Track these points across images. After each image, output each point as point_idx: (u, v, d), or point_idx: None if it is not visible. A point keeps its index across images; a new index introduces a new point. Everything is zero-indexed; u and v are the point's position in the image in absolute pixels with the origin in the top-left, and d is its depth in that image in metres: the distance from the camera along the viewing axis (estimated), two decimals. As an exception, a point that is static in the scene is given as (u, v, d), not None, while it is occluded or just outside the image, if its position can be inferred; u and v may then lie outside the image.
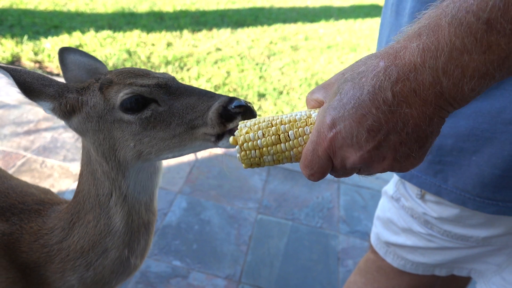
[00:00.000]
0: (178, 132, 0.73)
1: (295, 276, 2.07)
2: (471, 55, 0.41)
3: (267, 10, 6.76)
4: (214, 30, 5.22)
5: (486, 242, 0.90)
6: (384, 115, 0.47)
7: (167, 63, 4.06)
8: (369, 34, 6.15)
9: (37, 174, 2.41)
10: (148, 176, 0.85)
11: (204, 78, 3.86)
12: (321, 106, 0.61)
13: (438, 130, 0.49)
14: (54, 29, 4.42)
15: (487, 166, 0.79)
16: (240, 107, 0.68)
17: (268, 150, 0.61)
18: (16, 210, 0.94)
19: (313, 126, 0.60)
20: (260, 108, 3.53)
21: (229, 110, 0.68)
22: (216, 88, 3.75)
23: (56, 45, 3.98)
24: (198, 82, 3.78)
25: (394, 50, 0.47)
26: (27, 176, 2.39)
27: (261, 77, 4.11)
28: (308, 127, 0.60)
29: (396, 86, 0.46)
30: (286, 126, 0.61)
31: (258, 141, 0.61)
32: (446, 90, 0.44)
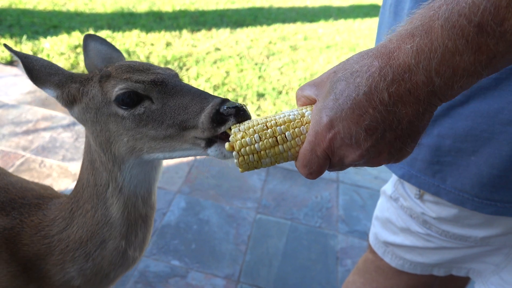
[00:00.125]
0: (169, 133, 0.72)
1: (294, 275, 2.07)
2: (462, 56, 0.43)
3: (266, 10, 6.76)
4: (213, 30, 5.22)
5: (484, 242, 0.90)
6: (380, 115, 0.49)
7: (166, 63, 4.06)
8: (368, 34, 6.15)
9: (36, 174, 2.41)
10: (144, 171, 0.85)
11: (203, 78, 3.86)
12: (312, 103, 0.61)
13: (428, 123, 0.51)
14: (53, 29, 4.42)
15: (486, 167, 0.79)
16: (231, 109, 0.66)
17: (266, 153, 0.60)
18: (16, 205, 0.95)
19: (308, 125, 0.60)
20: (259, 107, 3.53)
21: (221, 114, 0.66)
22: (215, 87, 3.75)
23: (55, 45, 3.97)
24: (197, 82, 3.78)
25: (388, 50, 0.49)
26: (26, 176, 2.38)
27: (260, 77, 4.11)
28: (304, 127, 0.60)
29: (391, 87, 0.48)
30: (282, 127, 0.60)
31: (256, 145, 0.60)
32: (438, 89, 0.47)
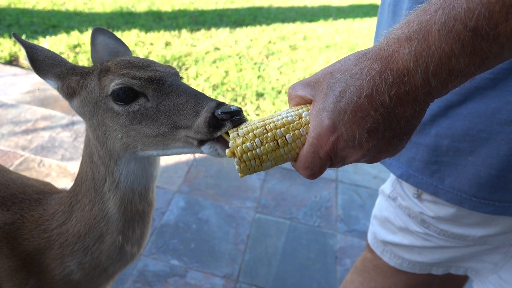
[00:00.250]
0: (162, 131, 0.72)
1: (293, 275, 2.08)
2: (458, 59, 0.46)
3: (266, 9, 6.76)
4: (213, 30, 5.22)
5: (482, 241, 0.91)
6: (381, 116, 0.51)
7: (166, 63, 4.05)
8: (367, 33, 6.15)
9: (35, 174, 2.41)
10: (141, 167, 0.85)
11: (202, 78, 3.86)
12: (306, 103, 0.62)
13: (421, 120, 0.54)
14: (52, 28, 4.42)
15: (483, 166, 0.79)
16: (226, 114, 0.65)
17: (268, 157, 0.60)
18: (17, 200, 0.96)
19: (308, 126, 0.60)
20: (258, 107, 3.53)
21: (217, 118, 0.66)
22: (214, 87, 3.75)
23: (54, 44, 3.97)
24: (196, 82, 3.78)
25: (386, 53, 0.50)
26: (25, 175, 2.38)
27: (259, 76, 4.12)
28: (303, 128, 0.60)
29: (392, 90, 0.50)
30: (282, 130, 0.60)
31: (257, 149, 0.59)
32: (434, 89, 0.49)
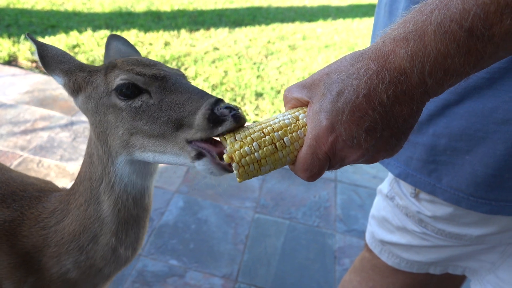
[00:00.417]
0: (163, 131, 0.71)
1: (292, 275, 2.08)
2: (453, 59, 0.46)
3: (265, 9, 6.76)
4: (212, 30, 5.22)
5: (479, 241, 0.91)
6: (379, 115, 0.52)
7: (165, 63, 4.06)
8: (366, 33, 6.16)
9: (33, 174, 2.41)
10: (137, 171, 0.85)
11: (201, 78, 3.86)
12: (302, 105, 0.62)
13: (418, 119, 0.55)
14: (51, 28, 4.42)
15: (480, 166, 0.79)
16: (225, 109, 0.64)
17: (266, 160, 0.60)
18: (17, 197, 0.96)
19: (305, 129, 0.60)
20: (257, 107, 3.54)
21: (216, 114, 0.65)
22: (213, 87, 3.75)
23: (53, 44, 3.97)
24: (195, 82, 3.78)
25: (383, 53, 0.51)
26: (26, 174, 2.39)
27: (258, 76, 4.12)
28: (301, 131, 0.60)
29: (389, 89, 0.50)
30: (280, 133, 0.60)
31: (256, 153, 0.59)
32: (430, 89, 0.50)
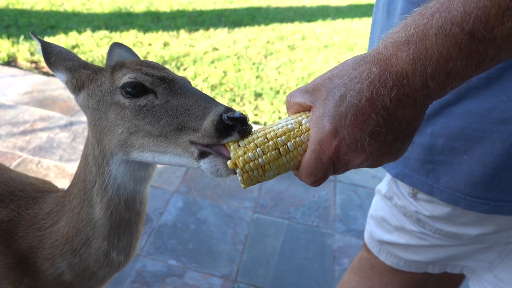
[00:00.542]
0: (165, 131, 0.70)
1: (291, 274, 2.08)
2: (455, 62, 0.46)
3: (264, 9, 6.77)
4: (211, 30, 5.22)
5: (477, 240, 0.91)
6: (383, 119, 0.52)
7: (164, 63, 4.06)
8: (366, 33, 6.16)
9: (33, 174, 2.41)
10: (131, 172, 0.84)
11: (200, 78, 3.87)
12: (305, 110, 0.62)
13: (421, 121, 0.55)
14: (50, 29, 4.42)
15: (478, 165, 0.79)
16: (234, 120, 0.63)
17: (270, 166, 0.60)
18: (15, 197, 0.96)
19: (308, 133, 0.60)
20: (256, 107, 3.54)
21: (224, 123, 0.64)
22: (212, 87, 3.75)
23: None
24: (194, 82, 3.78)
25: (384, 56, 0.51)
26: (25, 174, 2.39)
27: (258, 76, 4.12)
28: (304, 135, 0.60)
29: (392, 93, 0.50)
30: (283, 138, 0.60)
31: (260, 159, 0.59)
32: (432, 91, 0.50)
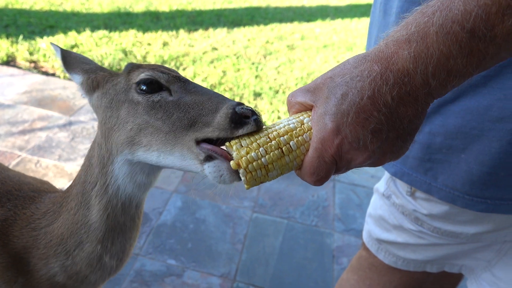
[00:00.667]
0: (175, 128, 0.72)
1: (290, 274, 2.08)
2: (456, 60, 0.47)
3: (264, 9, 6.77)
4: (210, 30, 5.22)
5: (475, 239, 0.91)
6: (385, 117, 0.52)
7: (163, 63, 4.06)
8: (365, 33, 6.16)
9: (32, 174, 2.41)
10: (132, 174, 0.85)
11: (200, 78, 3.87)
12: (306, 109, 0.62)
13: (423, 120, 0.55)
14: (49, 29, 4.42)
15: (476, 164, 0.80)
16: (248, 110, 0.65)
17: (273, 165, 0.60)
18: (12, 197, 0.96)
19: (310, 132, 0.59)
20: (256, 107, 3.54)
21: (238, 114, 0.65)
22: (212, 87, 3.75)
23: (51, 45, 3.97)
24: (194, 82, 3.78)
25: (386, 55, 0.51)
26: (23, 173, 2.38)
27: (257, 76, 4.12)
28: (306, 134, 0.60)
29: (394, 90, 0.51)
30: (286, 137, 0.60)
31: (263, 159, 0.59)
32: (433, 90, 0.50)
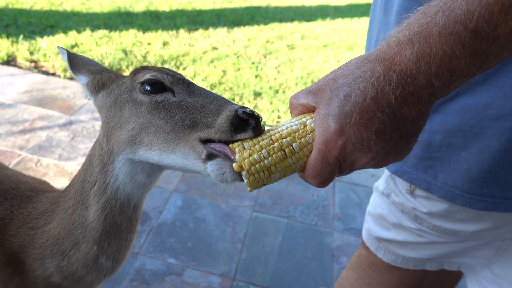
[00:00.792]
0: (177, 127, 0.72)
1: (290, 273, 2.08)
2: (459, 60, 0.47)
3: (264, 9, 6.77)
4: (211, 29, 5.22)
5: (475, 237, 0.91)
6: (388, 117, 0.52)
7: (163, 62, 4.06)
8: (365, 32, 6.16)
9: (32, 173, 2.41)
10: (132, 173, 0.85)
11: (200, 77, 3.87)
12: (309, 111, 0.62)
13: (426, 120, 0.55)
14: (49, 28, 4.42)
15: (475, 162, 0.80)
16: (249, 115, 0.65)
17: (276, 167, 0.59)
18: (9, 196, 0.96)
19: (313, 134, 0.59)
20: (256, 106, 3.54)
21: (240, 118, 0.65)
22: (212, 87, 3.75)
23: (51, 44, 3.97)
24: (194, 81, 3.78)
25: (388, 55, 0.51)
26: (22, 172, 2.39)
27: (257, 76, 4.12)
28: (309, 136, 0.60)
29: (397, 91, 0.51)
30: (288, 139, 0.60)
31: (265, 161, 0.59)
32: (436, 90, 0.50)
